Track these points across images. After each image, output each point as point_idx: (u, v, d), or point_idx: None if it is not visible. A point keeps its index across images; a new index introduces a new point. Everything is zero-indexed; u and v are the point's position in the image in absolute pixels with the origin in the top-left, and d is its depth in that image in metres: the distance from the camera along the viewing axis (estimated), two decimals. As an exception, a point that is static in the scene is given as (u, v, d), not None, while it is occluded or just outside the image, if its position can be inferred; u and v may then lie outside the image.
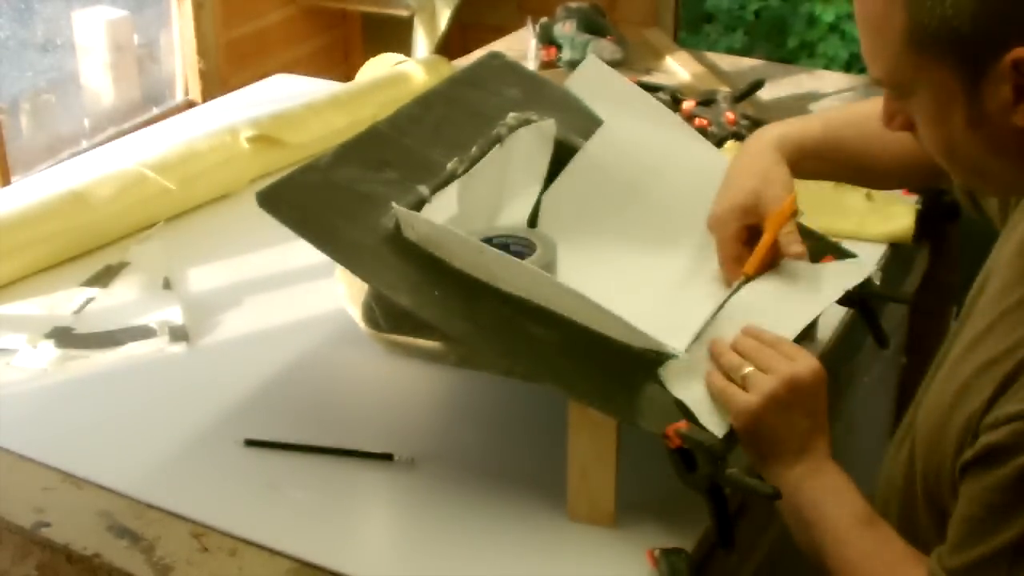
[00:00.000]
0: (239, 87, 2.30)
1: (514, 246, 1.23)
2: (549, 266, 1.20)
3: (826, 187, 1.73)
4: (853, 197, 1.68)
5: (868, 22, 0.92)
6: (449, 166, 1.27)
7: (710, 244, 1.24)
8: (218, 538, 1.08)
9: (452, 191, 1.25)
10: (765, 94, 2.17)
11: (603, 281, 1.22)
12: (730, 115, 1.95)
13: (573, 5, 2.43)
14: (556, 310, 1.09)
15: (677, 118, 1.48)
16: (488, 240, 1.21)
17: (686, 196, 1.32)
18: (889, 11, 0.88)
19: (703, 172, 1.32)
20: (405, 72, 2.08)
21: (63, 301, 1.46)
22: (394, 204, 1.15)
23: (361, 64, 2.27)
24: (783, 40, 5.45)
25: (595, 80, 1.44)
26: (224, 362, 1.35)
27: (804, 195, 1.72)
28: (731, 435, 1.05)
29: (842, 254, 1.30)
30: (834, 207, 1.67)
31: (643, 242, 1.30)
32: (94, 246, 1.59)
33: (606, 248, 1.30)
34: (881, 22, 0.90)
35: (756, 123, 1.99)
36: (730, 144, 1.89)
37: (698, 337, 1.13)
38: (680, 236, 1.29)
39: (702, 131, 1.96)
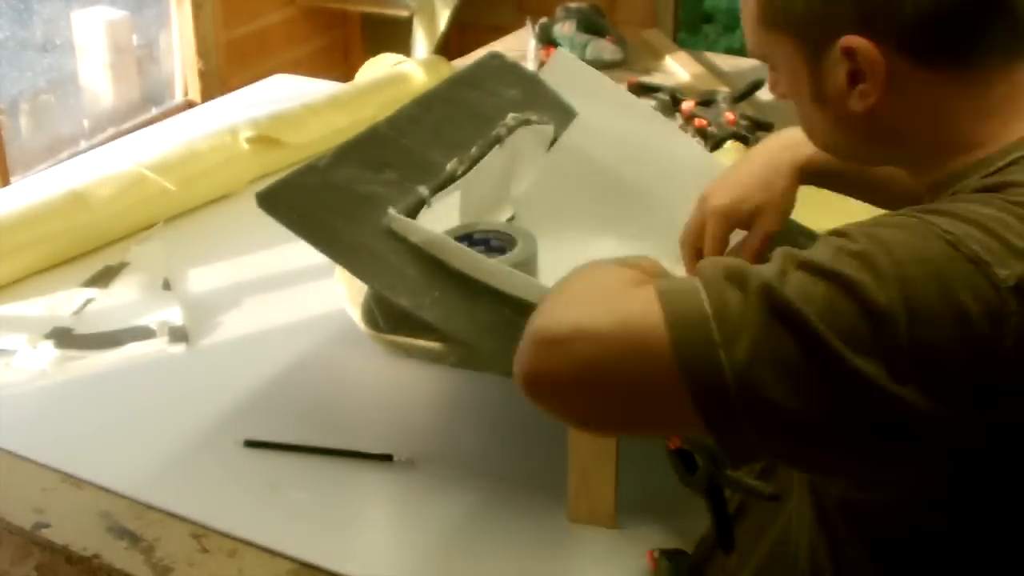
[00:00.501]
0: (239, 87, 2.30)
1: (495, 241, 1.23)
2: (530, 260, 1.20)
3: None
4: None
5: None
6: (449, 167, 1.27)
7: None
8: (218, 539, 1.07)
9: (452, 192, 1.25)
10: (764, 94, 2.17)
11: None
12: (730, 115, 1.95)
13: (572, 5, 2.43)
14: None
15: (648, 108, 1.48)
16: (469, 235, 1.21)
17: (662, 185, 1.32)
18: None
19: (677, 160, 1.32)
20: (405, 72, 2.08)
21: (63, 301, 1.46)
22: (391, 211, 1.15)
23: (361, 64, 2.27)
24: (783, 40, 5.43)
25: (566, 73, 1.44)
26: (224, 363, 1.35)
27: (805, 194, 1.73)
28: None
29: None
30: (834, 207, 1.66)
31: (620, 234, 1.30)
32: (94, 246, 1.59)
33: (585, 240, 1.29)
34: (744, 1, 0.94)
35: (756, 123, 1.99)
36: (730, 144, 1.89)
37: None
38: (656, 226, 1.29)
39: (702, 131, 1.96)
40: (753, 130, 1.91)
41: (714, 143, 1.94)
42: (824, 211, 1.64)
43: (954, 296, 0.74)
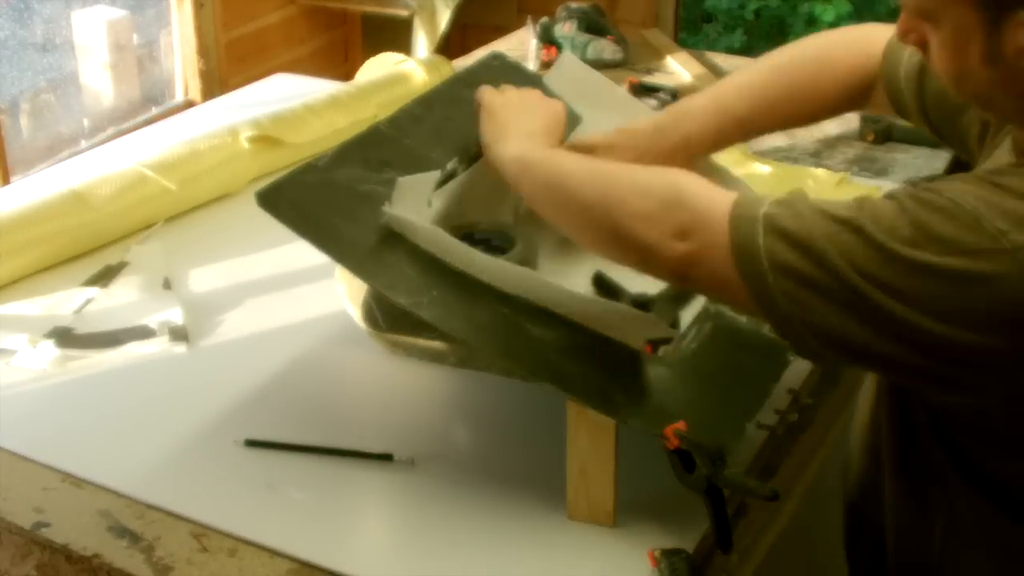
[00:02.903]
0: (239, 87, 2.30)
1: (495, 240, 1.23)
2: (529, 261, 1.20)
3: (827, 187, 1.74)
4: (853, 196, 1.68)
5: None
6: (449, 166, 1.27)
7: None
8: (218, 538, 1.08)
9: (451, 190, 1.25)
10: (765, 94, 2.16)
11: (583, 276, 1.23)
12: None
13: (573, 5, 2.43)
14: (554, 310, 1.09)
15: (651, 112, 1.48)
16: (469, 235, 1.21)
17: None
18: None
19: None
20: (405, 72, 2.08)
21: (63, 301, 1.46)
22: (386, 210, 1.15)
23: (361, 64, 2.27)
24: (783, 40, 5.43)
25: (571, 76, 1.44)
26: (224, 362, 1.35)
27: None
28: (730, 435, 1.05)
29: None
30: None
31: None
32: (94, 246, 1.59)
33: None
34: None
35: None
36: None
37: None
38: None
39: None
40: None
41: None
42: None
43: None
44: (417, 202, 1.20)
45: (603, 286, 1.21)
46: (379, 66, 2.20)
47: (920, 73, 1.14)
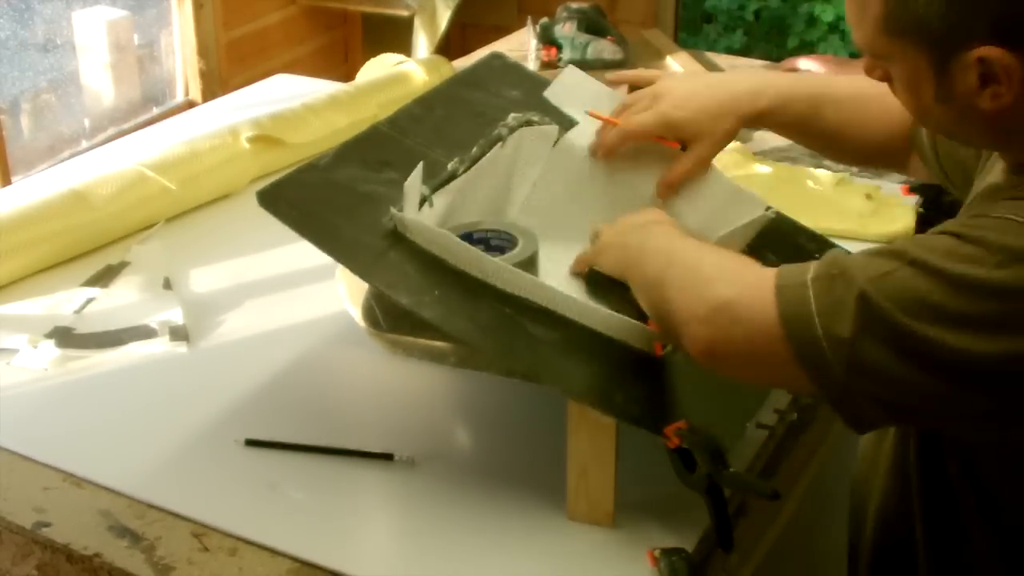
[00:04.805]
0: (239, 87, 2.30)
1: (495, 240, 1.23)
2: (531, 260, 1.20)
3: (827, 187, 1.74)
4: (853, 198, 1.69)
5: None
6: (450, 166, 1.27)
7: None
8: (218, 538, 1.08)
9: (452, 190, 1.25)
10: (765, 94, 2.16)
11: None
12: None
13: (573, 5, 2.43)
14: (556, 310, 1.10)
15: None
16: (469, 235, 1.21)
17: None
18: None
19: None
20: (405, 72, 2.08)
21: (64, 301, 1.47)
22: (393, 209, 1.15)
23: (361, 64, 2.27)
24: (783, 40, 5.45)
25: (575, 90, 1.43)
26: (224, 362, 1.35)
27: (805, 196, 1.73)
28: (730, 434, 1.05)
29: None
30: (834, 207, 1.67)
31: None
32: (95, 246, 1.59)
33: (583, 240, 1.29)
34: (863, 2, 0.94)
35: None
36: (729, 145, 1.88)
37: None
38: None
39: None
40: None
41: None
42: (823, 211, 1.64)
43: None
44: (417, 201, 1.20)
45: (596, 282, 1.21)
46: (379, 66, 2.20)
47: None
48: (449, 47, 3.47)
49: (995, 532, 1.05)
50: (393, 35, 3.55)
